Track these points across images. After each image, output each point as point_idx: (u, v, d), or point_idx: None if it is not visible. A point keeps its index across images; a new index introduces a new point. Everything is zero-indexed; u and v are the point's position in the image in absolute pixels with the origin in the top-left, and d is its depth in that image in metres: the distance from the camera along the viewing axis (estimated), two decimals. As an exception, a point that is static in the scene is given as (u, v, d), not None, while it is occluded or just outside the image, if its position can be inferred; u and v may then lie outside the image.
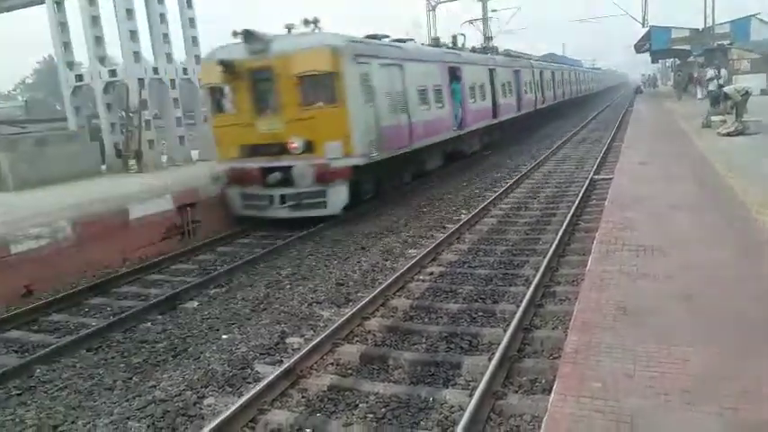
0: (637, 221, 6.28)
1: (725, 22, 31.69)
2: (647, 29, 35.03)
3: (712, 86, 15.25)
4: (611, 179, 9.92)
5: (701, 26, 32.08)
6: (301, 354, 5.26)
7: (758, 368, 2.84)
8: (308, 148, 10.44)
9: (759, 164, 8.88)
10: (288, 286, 7.65)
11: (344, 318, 6.05)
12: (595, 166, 15.02)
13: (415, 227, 10.48)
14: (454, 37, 20.92)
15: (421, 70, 14.14)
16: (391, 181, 13.24)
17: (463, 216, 10.78)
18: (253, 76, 10.72)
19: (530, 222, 10.18)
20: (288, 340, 5.92)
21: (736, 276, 4.29)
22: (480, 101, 18.53)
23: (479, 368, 4.88)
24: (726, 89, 14.70)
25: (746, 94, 14.21)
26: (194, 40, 16.25)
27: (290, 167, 10.34)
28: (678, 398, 2.65)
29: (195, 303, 7.33)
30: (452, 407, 4.45)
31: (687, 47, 33.84)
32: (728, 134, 12.75)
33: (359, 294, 7.06)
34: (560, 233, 8.53)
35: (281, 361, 5.35)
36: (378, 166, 11.55)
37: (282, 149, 10.51)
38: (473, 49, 21.96)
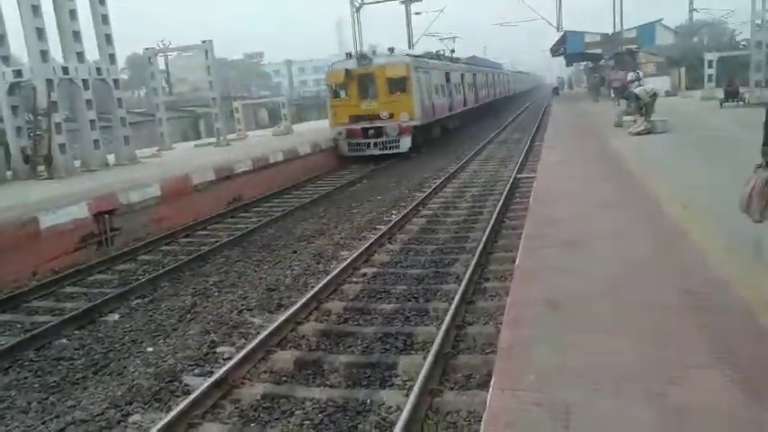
0: (559, 218, 6.53)
1: (632, 28, 33.72)
2: (561, 33, 36.69)
3: (633, 88, 16.16)
4: (533, 178, 10.28)
5: (611, 31, 34.00)
6: (232, 363, 5.08)
7: (681, 356, 3.00)
8: (391, 116, 19.55)
9: (666, 161, 9.46)
10: (216, 294, 7.39)
11: (276, 324, 5.91)
12: (518, 166, 15.55)
13: (346, 229, 10.43)
14: (452, 51, 35.21)
15: (435, 74, 24.06)
16: (427, 136, 22.30)
17: (394, 217, 10.84)
18: (360, 78, 20.02)
19: (458, 221, 10.37)
20: (218, 350, 5.71)
21: (653, 267, 4.53)
22: (459, 95, 28.74)
23: (415, 367, 4.89)
24: (635, 90, 15.60)
25: (654, 95, 15.16)
26: (108, 38, 15.40)
27: (381, 127, 19.37)
28: (608, 387, 2.76)
29: (116, 316, 6.93)
30: (390, 407, 4.44)
31: (599, 51, 35.76)
32: (639, 133, 13.54)
33: (291, 299, 6.92)
34: (488, 231, 8.73)
35: (212, 372, 5.14)
36: (422, 127, 20.75)
37: (376, 117, 19.63)
38: (437, 54, 30.52)
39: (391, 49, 21.59)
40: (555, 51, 47.53)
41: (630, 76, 20.35)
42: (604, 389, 2.73)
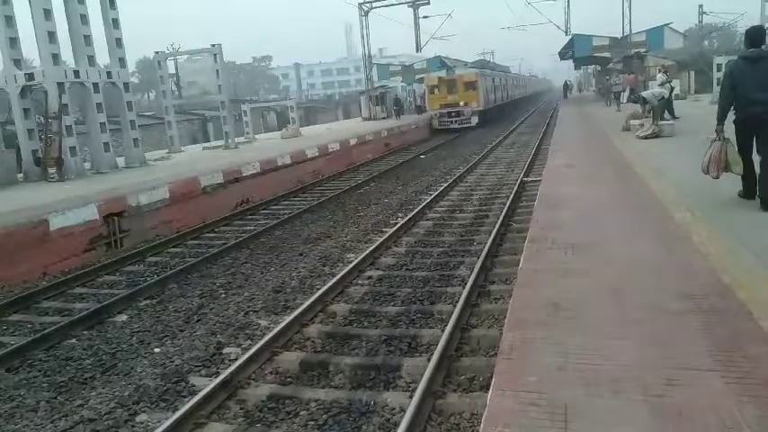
0: (564, 221, 6.54)
1: (641, 31, 33.63)
2: (570, 37, 36.64)
3: (660, 90, 15.86)
4: (539, 181, 10.28)
5: (619, 35, 33.93)
6: (238, 364, 5.13)
7: (681, 357, 3.01)
8: (466, 104, 32.74)
9: (672, 166, 9.42)
10: (223, 295, 7.46)
11: (282, 325, 5.96)
12: (525, 169, 15.55)
13: (352, 231, 10.49)
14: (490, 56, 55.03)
15: (488, 80, 36.91)
16: (485, 117, 33.85)
17: (400, 220, 10.88)
18: (448, 81, 33.62)
19: (464, 224, 10.39)
20: (224, 351, 5.77)
21: (657, 269, 4.54)
22: (500, 92, 42.52)
23: (419, 369, 4.91)
24: (643, 94, 15.57)
25: (663, 98, 15.12)
26: (118, 42, 15.61)
27: (460, 111, 32.71)
28: (607, 387, 2.77)
29: (124, 317, 7.02)
30: (393, 409, 4.47)
31: (607, 54, 35.69)
32: (646, 137, 13.49)
33: (297, 301, 6.97)
34: (493, 234, 8.75)
35: (218, 372, 5.21)
36: (485, 111, 33.97)
37: (456, 105, 32.82)
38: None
39: (465, 63, 41.25)
40: (563, 55, 47.47)
41: (660, 78, 19.94)
42: (603, 389, 2.75)
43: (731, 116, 6.43)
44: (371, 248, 8.71)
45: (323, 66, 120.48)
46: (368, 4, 34.49)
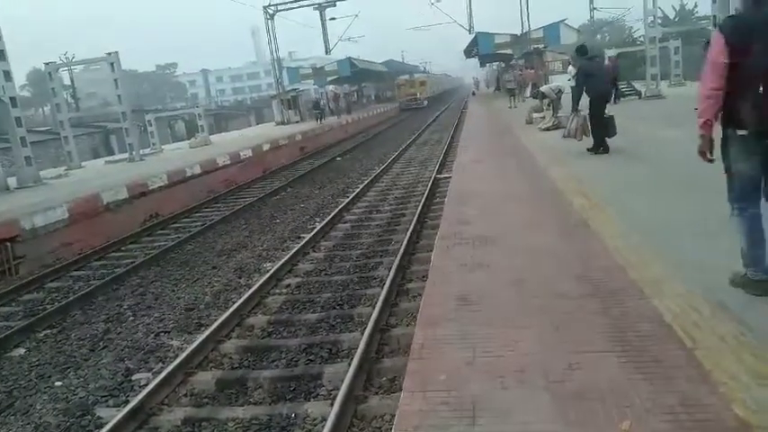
0: (472, 216, 6.72)
1: (539, 28, 35.25)
2: (473, 35, 37.82)
3: (557, 84, 16.66)
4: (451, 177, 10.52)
5: (519, 32, 35.43)
6: (149, 389, 4.87)
7: (580, 341, 3.15)
8: (420, 94, 54.63)
9: (572, 156, 9.91)
10: (131, 318, 7.07)
11: (196, 344, 5.72)
12: (438, 166, 15.87)
13: (269, 240, 10.28)
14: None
15: (427, 80, 61.23)
16: (429, 101, 56.54)
17: (317, 224, 10.77)
18: (409, 81, 56.44)
19: (381, 225, 10.44)
20: (134, 377, 5.46)
21: (558, 256, 4.75)
22: (431, 88, 62.15)
23: (340, 375, 4.87)
24: (542, 88, 16.31)
25: (560, 92, 15.88)
26: (1, 54, 14.47)
27: (417, 98, 53.72)
28: (512, 378, 2.85)
29: (22, 350, 6.48)
30: (315, 419, 4.39)
31: (510, 51, 37.16)
32: (547, 129, 14.16)
33: (211, 317, 6.72)
34: (409, 232, 8.85)
35: (127, 401, 4.92)
36: (428, 98, 56.39)
37: (415, 95, 54.06)
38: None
39: (424, 69, 76.90)
40: (468, 53, 49.00)
41: (571, 70, 20.97)
42: (509, 380, 2.83)
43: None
44: (289, 256, 8.56)
45: (232, 71, 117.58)
46: (273, 8, 33.98)
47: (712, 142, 3.63)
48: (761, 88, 3.34)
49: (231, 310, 6.58)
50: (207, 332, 6.00)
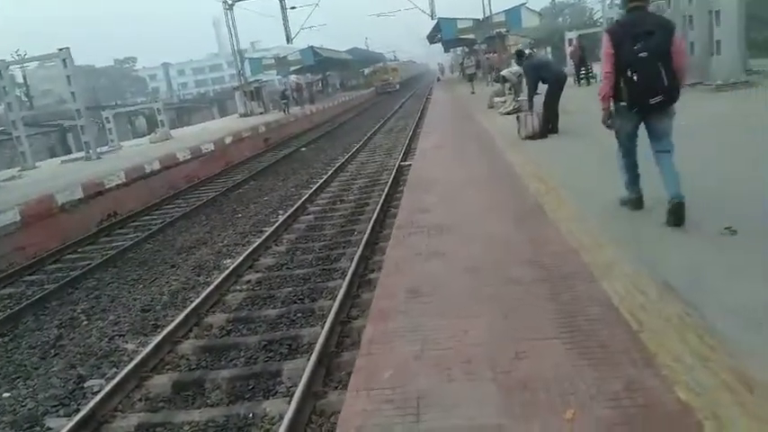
0: (431, 203, 6.68)
1: (500, 12, 35.31)
2: (435, 21, 37.71)
3: (517, 68, 16.63)
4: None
5: (481, 16, 35.44)
6: (101, 396, 4.71)
7: (528, 328, 3.12)
8: (393, 79, 60.98)
9: (529, 140, 9.92)
10: (85, 322, 6.84)
11: (151, 346, 5.56)
12: (402, 153, 15.80)
13: (230, 235, 10.08)
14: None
15: (400, 66, 72.68)
16: (401, 85, 62.73)
17: (280, 217, 10.61)
18: (384, 68, 64.16)
19: (345, 215, 10.33)
20: (86, 384, 5.28)
21: (512, 242, 4.73)
22: (403, 73, 69.00)
23: (299, 371, 4.78)
24: (503, 72, 16.32)
25: (521, 75, 15.89)
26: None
27: (390, 83, 60.02)
28: (459, 370, 2.81)
29: (-31, 363, 6.23)
30: (273, 418, 4.31)
31: (472, 36, 37.16)
32: (508, 113, 14.18)
33: (168, 318, 6.55)
34: (372, 222, 8.77)
35: (78, 409, 4.75)
36: (400, 82, 62.64)
37: (388, 80, 60.28)
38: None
39: (394, 58, 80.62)
40: (432, 39, 48.81)
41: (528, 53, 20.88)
42: (456, 373, 2.78)
43: None
44: (249, 251, 8.40)
45: (194, 64, 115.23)
46: (231, -3, 33.27)
47: (611, 113, 4.99)
48: (629, 72, 4.61)
49: (189, 309, 6.42)
50: (163, 333, 5.84)
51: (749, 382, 2.38)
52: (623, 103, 4.83)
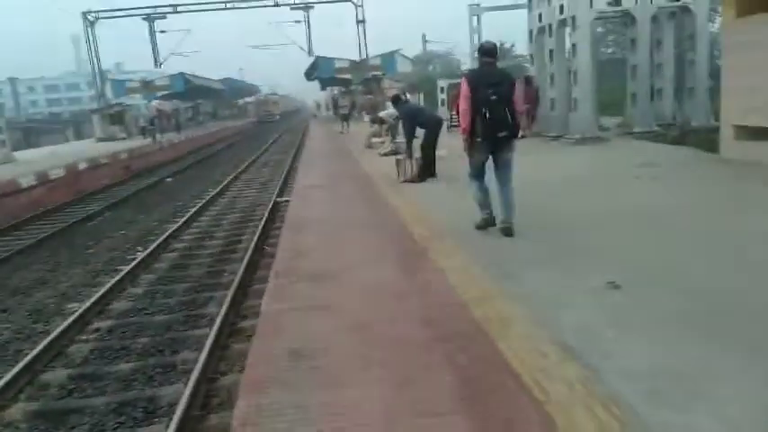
0: (311, 247, 6.31)
1: (377, 56, 36.47)
2: (313, 58, 38.00)
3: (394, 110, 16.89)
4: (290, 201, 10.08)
5: (358, 58, 36.32)
6: None
7: (427, 400, 2.80)
8: (273, 112, 71.38)
9: (412, 185, 9.97)
10: None
11: (-33, 415, 4.56)
12: (278, 189, 15.29)
13: (77, 274, 8.91)
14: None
15: (282, 100, 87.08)
16: (281, 116, 72.97)
17: (139, 254, 9.60)
18: (266, 101, 74.27)
19: (214, 253, 9.60)
20: None
21: (400, 295, 4.49)
22: (279, 109, 75.55)
23: (155, 442, 4.13)
24: (381, 114, 16.60)
25: (397, 118, 16.25)
26: None
27: (272, 114, 69.63)
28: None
29: None
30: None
31: (349, 76, 37.91)
32: (386, 154, 14.34)
33: (-7, 376, 5.46)
34: (245, 261, 8.19)
35: None
36: (280, 114, 73.91)
37: (271, 111, 70.22)
38: None
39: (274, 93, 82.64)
40: (309, 75, 49.08)
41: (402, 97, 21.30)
42: (347, 462, 2.42)
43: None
44: (101, 293, 7.42)
45: (46, 81, 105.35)
46: (93, 14, 30.97)
47: (471, 143, 6.01)
48: (483, 110, 5.71)
49: (21, 364, 5.42)
50: (-17, 397, 4.84)
51: None
52: (478, 138, 5.90)
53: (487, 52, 6.04)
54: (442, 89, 27.18)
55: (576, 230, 6.26)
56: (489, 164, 6.20)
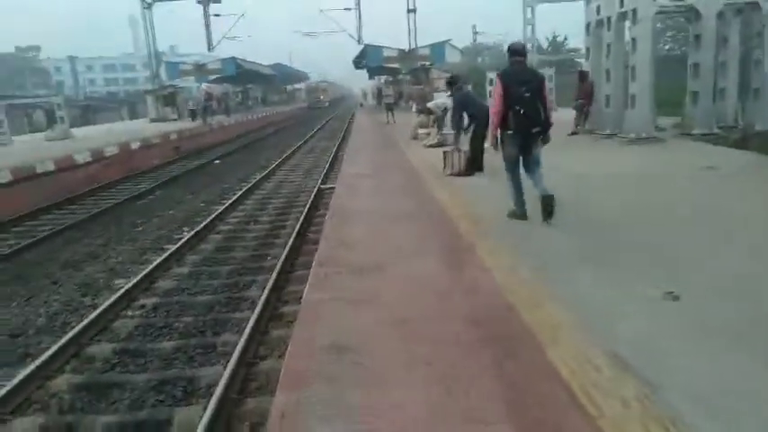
0: (355, 237, 6.23)
1: (426, 46, 36.03)
2: (362, 46, 37.86)
3: (443, 101, 16.59)
4: (335, 189, 10.03)
5: (407, 48, 35.98)
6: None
7: (473, 406, 2.65)
8: (323, 97, 76.84)
9: (458, 179, 9.75)
10: (-66, 347, 5.77)
11: (16, 382, 4.70)
12: (322, 176, 15.32)
13: (126, 250, 9.12)
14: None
15: (330, 87, 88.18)
16: (330, 103, 77.40)
17: (185, 234, 9.76)
18: (317, 88, 78.18)
19: (258, 237, 9.68)
20: (-76, 429, 4.33)
21: (445, 290, 4.36)
22: (331, 95, 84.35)
23: (192, 422, 4.14)
24: (429, 104, 16.35)
25: (445, 110, 16.00)
26: None
27: (321, 99, 74.58)
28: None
29: None
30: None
31: (397, 65, 37.63)
32: (432, 146, 14.13)
33: (42, 346, 5.64)
34: (288, 247, 8.22)
35: None
36: (329, 101, 79.31)
37: (320, 97, 74.68)
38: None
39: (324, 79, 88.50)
40: (357, 64, 48.96)
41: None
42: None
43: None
44: (147, 270, 7.57)
45: (104, 60, 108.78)
46: (151, -4, 31.70)
47: (501, 138, 6.29)
48: (517, 107, 5.99)
49: (68, 336, 5.57)
50: (33, 365, 4.98)
51: None
52: (510, 132, 6.15)
53: (517, 51, 6.37)
54: (491, 81, 26.63)
55: (635, 232, 5.95)
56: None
